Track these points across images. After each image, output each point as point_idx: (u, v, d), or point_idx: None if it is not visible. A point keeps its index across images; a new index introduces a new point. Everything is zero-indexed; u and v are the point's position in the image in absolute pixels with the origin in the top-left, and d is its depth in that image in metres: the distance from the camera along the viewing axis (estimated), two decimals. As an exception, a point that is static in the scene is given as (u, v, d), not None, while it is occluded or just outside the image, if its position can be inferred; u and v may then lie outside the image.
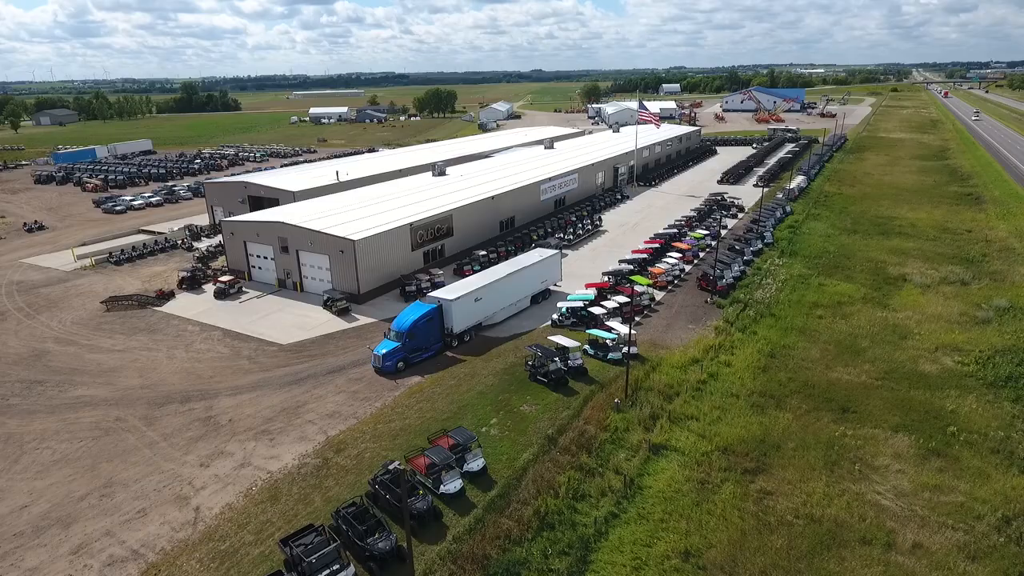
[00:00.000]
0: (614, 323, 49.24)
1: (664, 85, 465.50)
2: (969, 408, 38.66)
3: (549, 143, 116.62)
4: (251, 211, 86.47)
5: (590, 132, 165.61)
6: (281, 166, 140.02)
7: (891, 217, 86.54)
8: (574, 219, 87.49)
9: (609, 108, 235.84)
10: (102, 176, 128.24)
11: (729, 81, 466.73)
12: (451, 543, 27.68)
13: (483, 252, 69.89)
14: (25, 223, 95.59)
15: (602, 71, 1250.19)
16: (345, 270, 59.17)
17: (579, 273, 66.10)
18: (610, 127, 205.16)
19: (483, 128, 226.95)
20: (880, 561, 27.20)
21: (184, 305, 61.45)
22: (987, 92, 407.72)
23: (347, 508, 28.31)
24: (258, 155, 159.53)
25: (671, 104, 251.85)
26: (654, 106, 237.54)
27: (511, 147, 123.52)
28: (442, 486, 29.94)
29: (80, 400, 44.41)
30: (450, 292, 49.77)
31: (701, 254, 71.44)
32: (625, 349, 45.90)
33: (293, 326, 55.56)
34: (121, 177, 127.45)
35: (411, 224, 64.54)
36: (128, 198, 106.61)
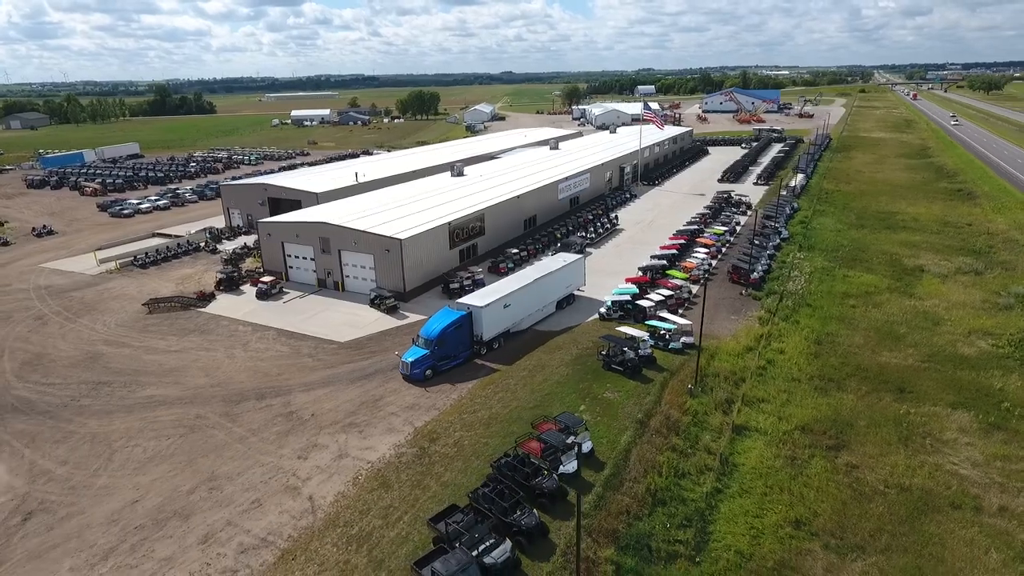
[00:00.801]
0: (668, 315, 51.18)
1: (639, 87, 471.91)
2: (1016, 386, 41.61)
3: (554, 144, 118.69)
4: (271, 213, 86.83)
5: (580, 134, 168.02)
6: (280, 169, 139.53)
7: (893, 212, 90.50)
8: (591, 217, 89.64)
9: (595, 110, 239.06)
10: (99, 180, 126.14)
11: (702, 82, 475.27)
12: (583, 517, 29.28)
13: (515, 250, 71.51)
14: (34, 228, 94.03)
15: (571, 73, 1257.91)
16: (390, 269, 60.18)
17: (609, 269, 68.07)
18: (597, 128, 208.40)
19: (471, 130, 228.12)
20: (973, 523, 29.62)
21: (227, 306, 61.73)
22: (946, 91, 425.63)
23: (483, 488, 29.67)
24: (252, 158, 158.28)
25: (655, 105, 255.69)
26: (636, 107, 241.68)
27: (515, 148, 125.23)
28: (561, 467, 31.50)
29: (152, 399, 44.78)
30: (479, 298, 49.12)
31: (723, 249, 74.02)
32: (683, 339, 48.03)
33: (345, 324, 56.40)
34: (119, 181, 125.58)
35: (449, 223, 65.81)
36: (134, 201, 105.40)
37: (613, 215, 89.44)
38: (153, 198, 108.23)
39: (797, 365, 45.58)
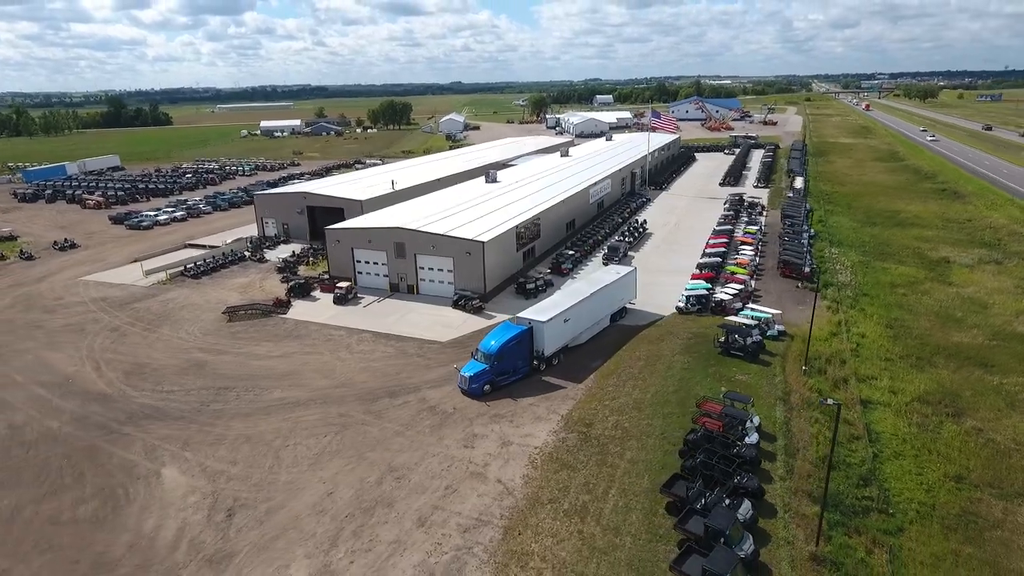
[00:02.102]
0: (757, 306, 55.04)
1: (597, 96, 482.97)
2: (1082, 357, 47.04)
3: (565, 151, 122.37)
4: (309, 221, 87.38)
5: (572, 142, 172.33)
6: (280, 180, 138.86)
7: (896, 211, 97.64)
8: (620, 221, 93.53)
9: (573, 119, 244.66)
10: (100, 192, 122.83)
11: (658, 92, 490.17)
12: (781, 481, 32.40)
13: (571, 251, 74.56)
14: (56, 242, 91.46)
15: (520, 83, 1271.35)
16: (471, 270, 62.18)
17: (661, 268, 71.85)
18: (576, 136, 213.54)
19: (451, 139, 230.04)
20: (1102, 469, 34.13)
21: (306, 312, 62.44)
22: (881, 97, 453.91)
23: (689, 459, 32.42)
24: (247, 169, 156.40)
25: (627, 114, 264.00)
26: (611, 115, 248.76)
27: (525, 155, 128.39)
28: (746, 438, 34.55)
29: (284, 401, 45.65)
30: (541, 313, 48.25)
31: (760, 247, 78.80)
32: (776, 327, 51.91)
33: (437, 325, 58.09)
34: (121, 193, 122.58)
35: (515, 226, 68.26)
36: (151, 213, 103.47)
37: (642, 219, 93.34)
38: (169, 209, 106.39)
39: (882, 346, 50.05)
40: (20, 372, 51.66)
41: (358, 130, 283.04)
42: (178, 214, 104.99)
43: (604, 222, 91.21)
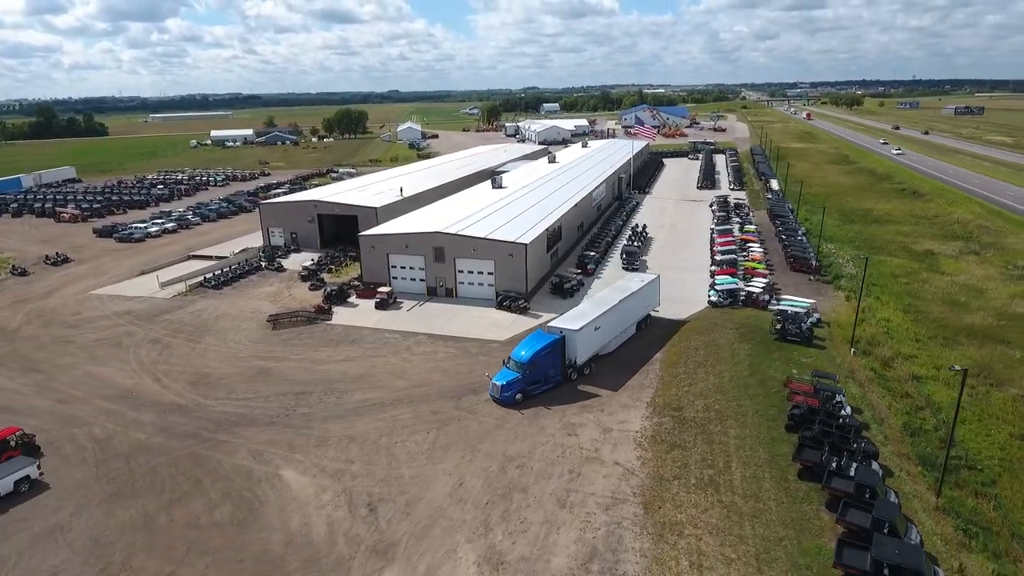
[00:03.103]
0: (792, 297, 59.36)
1: (544, 104, 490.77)
2: (1080, 331, 53.36)
3: (552, 157, 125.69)
4: (320, 229, 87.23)
5: (546, 150, 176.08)
6: (259, 190, 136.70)
7: (868, 209, 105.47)
8: (620, 223, 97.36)
9: (535, 126, 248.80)
10: (75, 205, 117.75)
11: (603, 100, 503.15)
12: (882, 445, 36.05)
13: (592, 252, 77.53)
14: (47, 256, 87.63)
15: (458, 91, 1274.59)
16: (513, 272, 64.17)
17: (674, 266, 75.73)
18: (539, 144, 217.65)
19: (415, 148, 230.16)
20: None
21: (351, 317, 62.88)
22: (810, 104, 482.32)
23: (804, 431, 35.69)
24: (218, 179, 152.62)
25: (584, 121, 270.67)
26: (569, 123, 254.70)
27: (512, 161, 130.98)
28: (843, 410, 38.12)
29: (369, 402, 46.44)
30: (572, 322, 48.27)
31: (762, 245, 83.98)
32: (815, 315, 56.27)
33: (489, 325, 59.79)
34: (97, 206, 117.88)
35: (546, 229, 70.72)
36: (142, 225, 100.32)
37: (642, 223, 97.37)
38: (159, 221, 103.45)
39: (907, 329, 55.17)
40: (75, 387, 50.30)
41: (314, 139, 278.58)
42: (169, 225, 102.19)
43: (608, 225, 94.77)
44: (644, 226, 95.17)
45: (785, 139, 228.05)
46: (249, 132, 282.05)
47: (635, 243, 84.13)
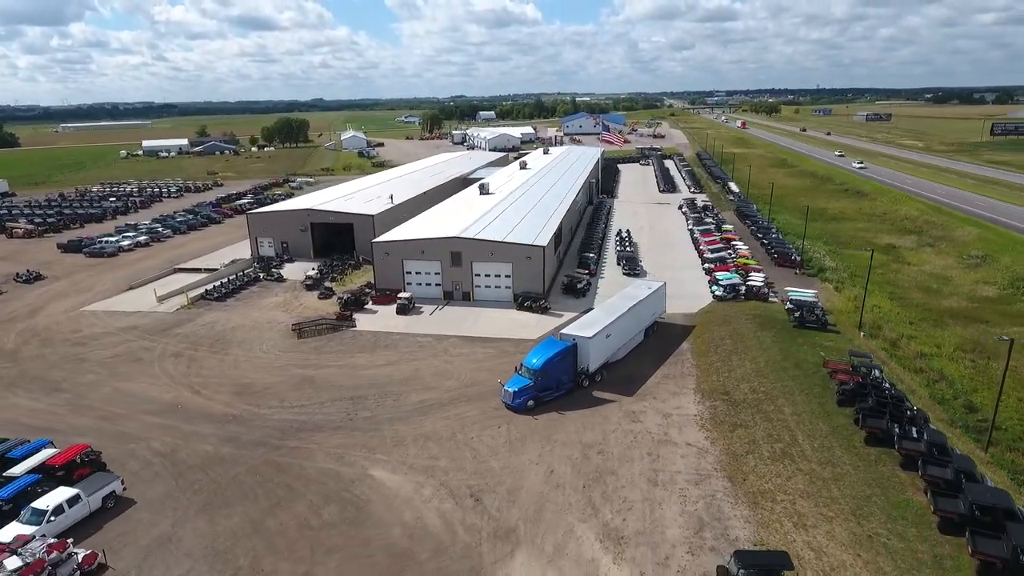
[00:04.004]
0: (796, 288, 64.30)
1: (481, 113, 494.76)
2: (1042, 309, 60.74)
3: (523, 164, 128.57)
4: (312, 238, 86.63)
5: (506, 157, 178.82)
6: (219, 200, 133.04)
7: (822, 208, 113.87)
8: (604, 226, 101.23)
9: (485, 133, 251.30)
10: (27, 220, 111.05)
11: (537, 108, 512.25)
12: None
13: (591, 254, 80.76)
14: (17, 274, 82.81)
15: (386, 100, 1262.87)
16: (531, 273, 66.41)
17: (667, 265, 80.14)
18: (490, 150, 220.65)
19: (365, 156, 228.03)
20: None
21: (375, 323, 63.33)
22: (732, 110, 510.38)
23: (860, 404, 39.62)
24: (173, 191, 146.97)
25: (530, 129, 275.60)
26: (517, 131, 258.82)
27: (481, 167, 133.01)
28: (884, 382, 42.48)
29: (428, 403, 47.48)
30: (585, 329, 48.75)
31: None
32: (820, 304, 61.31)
33: (516, 325, 61.72)
34: (52, 220, 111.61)
35: (554, 231, 73.37)
36: (113, 239, 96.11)
37: (626, 227, 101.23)
38: (130, 235, 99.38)
39: (897, 313, 61.13)
40: (111, 404, 48.81)
41: (253, 149, 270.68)
42: (141, 239, 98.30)
43: (594, 227, 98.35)
44: (628, 231, 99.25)
45: (722, 144, 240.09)
46: (183, 142, 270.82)
47: (628, 247, 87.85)
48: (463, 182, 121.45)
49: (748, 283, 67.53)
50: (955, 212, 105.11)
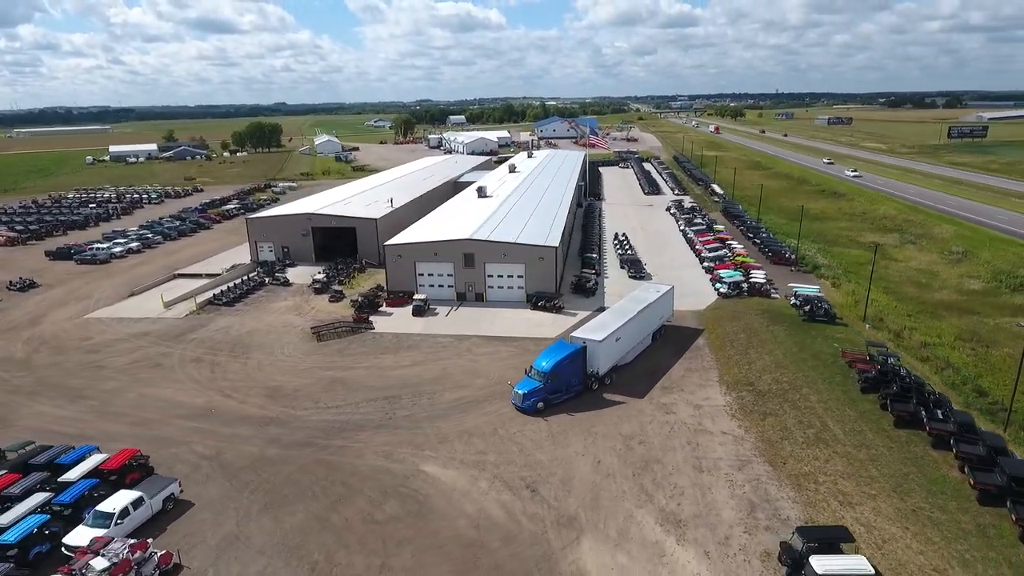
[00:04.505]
0: (801, 284, 67.06)
1: (451, 117, 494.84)
2: (1021, 299, 64.62)
3: (512, 167, 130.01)
4: (314, 242, 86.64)
5: (490, 162, 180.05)
6: (203, 205, 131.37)
7: (805, 209, 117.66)
8: (598, 228, 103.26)
9: (462, 137, 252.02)
10: (7, 228, 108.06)
11: (507, 112, 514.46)
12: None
13: (593, 255, 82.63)
14: (11, 282, 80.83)
15: (349, 104, 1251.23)
16: (543, 273, 67.85)
17: (667, 265, 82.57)
18: (468, 154, 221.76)
19: (343, 161, 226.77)
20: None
21: (393, 325, 63.89)
22: (697, 114, 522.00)
23: (889, 389, 42.00)
24: (153, 197, 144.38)
25: (506, 133, 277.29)
26: (494, 135, 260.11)
27: (470, 171, 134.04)
28: (901, 369, 45.06)
29: (464, 400, 48.38)
30: (595, 332, 49.14)
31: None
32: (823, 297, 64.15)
33: (533, 325, 63.01)
34: (35, 227, 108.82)
35: (562, 232, 74.98)
36: (104, 246, 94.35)
37: (622, 230, 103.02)
38: (121, 241, 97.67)
39: (896, 307, 64.31)
40: (140, 410, 48.56)
41: (226, 153, 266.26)
42: (132, 245, 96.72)
43: (588, 229, 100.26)
44: (625, 234, 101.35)
45: (695, 148, 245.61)
46: (152, 147, 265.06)
47: (629, 251, 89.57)
48: (454, 186, 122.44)
49: (751, 280, 70.10)
50: (930, 211, 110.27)
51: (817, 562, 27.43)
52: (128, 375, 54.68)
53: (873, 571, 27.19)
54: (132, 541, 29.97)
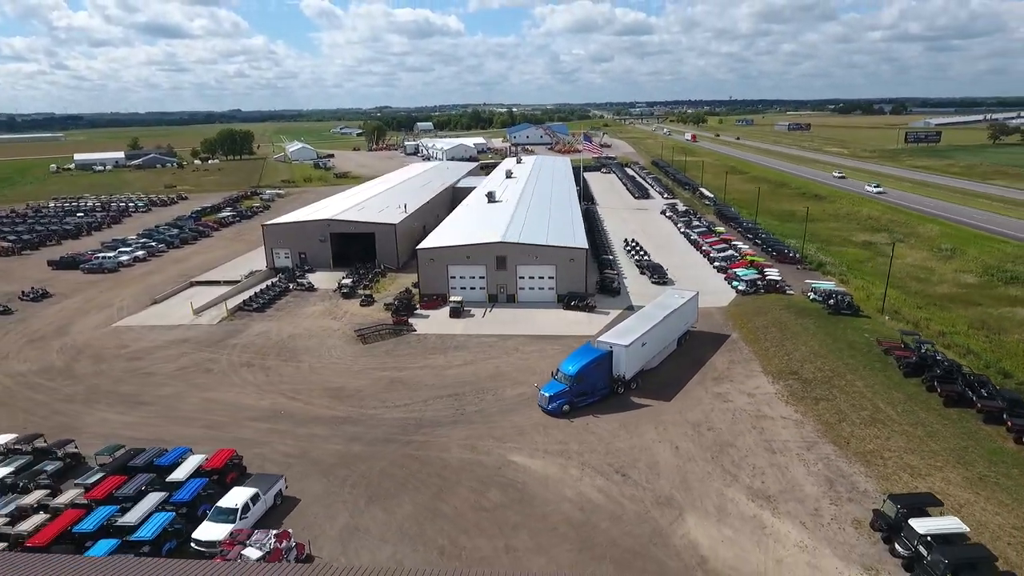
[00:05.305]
0: (817, 280, 71.00)
1: (418, 123, 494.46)
2: (1016, 291, 69.91)
3: (508, 173, 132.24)
4: (332, 248, 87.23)
5: (479, 168, 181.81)
6: (195, 213, 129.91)
7: (791, 211, 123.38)
8: (604, 231, 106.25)
9: (442, 144, 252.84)
10: (2, 237, 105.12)
11: (474, 119, 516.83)
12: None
13: (608, 256, 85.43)
14: (24, 292, 79.09)
15: (306, 111, 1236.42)
16: (574, 274, 70.22)
17: (679, 265, 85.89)
18: (448, 160, 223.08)
19: (322, 168, 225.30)
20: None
21: (433, 327, 65.27)
22: (659, 121, 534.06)
23: (933, 372, 45.56)
24: (140, 205, 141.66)
25: (481, 140, 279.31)
26: (471, 140, 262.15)
27: (464, 176, 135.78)
28: (937, 355, 48.82)
29: (527, 396, 49.87)
30: (622, 337, 49.76)
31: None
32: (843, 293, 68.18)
33: (569, 323, 65.29)
34: (28, 237, 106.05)
35: (584, 234, 77.52)
36: (111, 255, 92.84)
37: (632, 237, 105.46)
38: (127, 250, 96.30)
39: (905, 300, 68.80)
40: (208, 413, 49.01)
41: (196, 161, 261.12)
42: (139, 254, 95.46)
43: (593, 232, 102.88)
44: (636, 239, 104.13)
45: (671, 153, 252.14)
46: (119, 155, 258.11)
47: (645, 256, 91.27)
48: (453, 192, 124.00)
49: (767, 278, 73.85)
50: (911, 212, 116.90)
51: (917, 524, 30.32)
52: (182, 380, 54.79)
53: (968, 529, 30.23)
54: (275, 531, 30.98)
